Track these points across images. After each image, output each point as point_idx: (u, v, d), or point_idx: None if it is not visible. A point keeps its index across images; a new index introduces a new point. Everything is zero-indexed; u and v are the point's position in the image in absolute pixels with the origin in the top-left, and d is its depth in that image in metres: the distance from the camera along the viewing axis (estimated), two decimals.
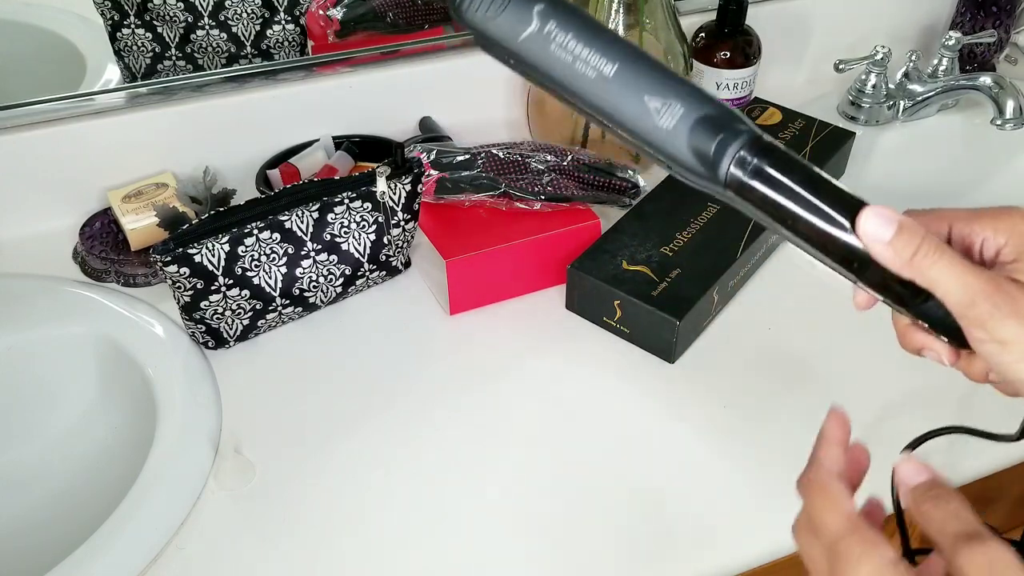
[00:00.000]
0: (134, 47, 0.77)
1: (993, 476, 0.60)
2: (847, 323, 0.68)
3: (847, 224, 0.33)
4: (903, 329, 0.39)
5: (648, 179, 0.79)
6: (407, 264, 0.75)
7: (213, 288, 0.63)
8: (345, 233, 0.67)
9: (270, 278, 0.65)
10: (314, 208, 0.65)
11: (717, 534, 0.55)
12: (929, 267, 0.33)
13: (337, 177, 0.68)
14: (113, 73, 0.78)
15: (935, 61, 0.95)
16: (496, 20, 0.31)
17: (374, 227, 0.69)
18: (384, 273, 0.73)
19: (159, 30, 0.76)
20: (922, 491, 0.32)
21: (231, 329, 0.66)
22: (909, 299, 0.35)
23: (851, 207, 0.33)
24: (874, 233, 0.33)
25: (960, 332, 0.34)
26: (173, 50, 0.78)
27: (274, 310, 0.67)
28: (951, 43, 0.94)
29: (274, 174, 0.80)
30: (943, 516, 0.31)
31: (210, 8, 0.77)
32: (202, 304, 0.63)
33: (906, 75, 0.95)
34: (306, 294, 0.68)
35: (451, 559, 0.54)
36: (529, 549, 0.54)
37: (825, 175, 0.34)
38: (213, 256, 0.62)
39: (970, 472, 0.59)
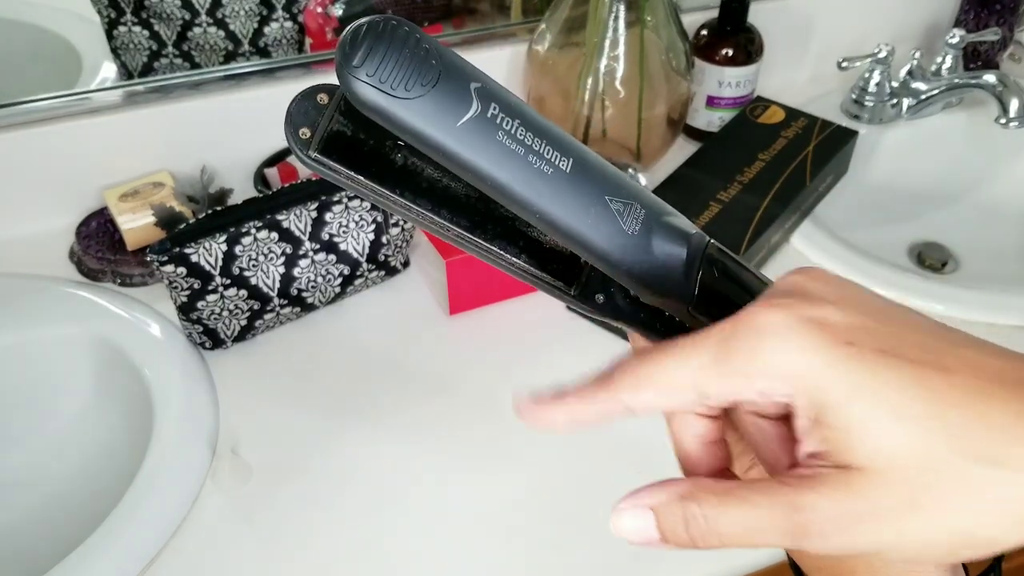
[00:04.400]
0: (131, 45, 0.76)
1: None
2: None
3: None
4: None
5: (649, 178, 0.79)
6: (406, 264, 0.74)
7: (210, 288, 0.62)
8: (344, 232, 0.67)
9: (268, 278, 0.64)
10: (312, 207, 0.65)
11: None
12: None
13: None
14: (109, 71, 0.77)
15: (939, 59, 0.95)
16: (418, 100, 0.23)
17: (373, 226, 0.68)
18: (383, 273, 0.72)
19: (156, 28, 0.76)
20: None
21: (228, 329, 0.65)
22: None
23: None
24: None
25: None
26: (170, 48, 0.77)
27: (272, 310, 0.66)
28: (955, 41, 0.93)
29: (272, 173, 0.80)
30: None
31: (207, 5, 0.76)
32: (199, 304, 0.62)
33: (910, 73, 0.94)
34: (304, 294, 0.67)
35: (450, 558, 0.53)
36: (530, 548, 0.54)
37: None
38: (210, 256, 0.61)
39: None
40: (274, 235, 0.63)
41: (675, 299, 0.28)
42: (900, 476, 0.21)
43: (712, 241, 0.29)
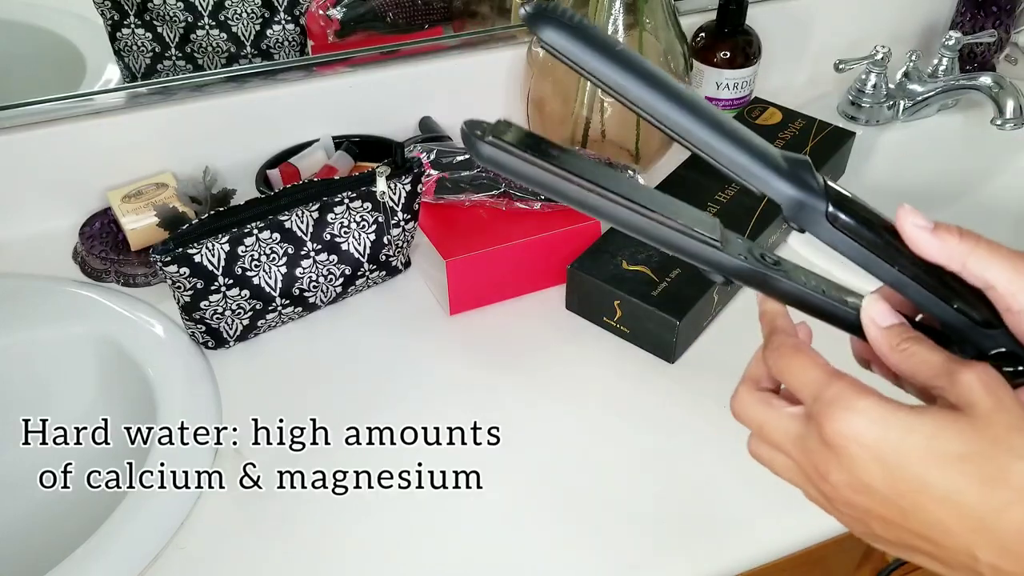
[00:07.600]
0: (134, 47, 0.77)
1: None
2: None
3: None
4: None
5: (647, 179, 0.79)
6: (407, 264, 0.75)
7: (213, 288, 0.63)
8: (345, 233, 0.67)
9: (270, 278, 0.65)
10: (314, 208, 0.65)
11: (717, 534, 0.55)
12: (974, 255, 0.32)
13: (337, 177, 0.68)
14: (113, 73, 0.78)
15: (935, 61, 0.95)
16: (590, 27, 0.30)
17: (374, 227, 0.69)
18: (384, 273, 0.73)
19: (159, 30, 0.76)
20: (896, 332, 0.33)
21: (231, 329, 0.66)
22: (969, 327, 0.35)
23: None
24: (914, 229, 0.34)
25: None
26: (173, 50, 0.78)
27: (274, 310, 0.67)
28: (951, 43, 0.94)
29: (274, 174, 0.80)
30: (926, 353, 0.32)
31: (210, 8, 0.77)
32: (202, 304, 0.63)
33: (906, 75, 0.95)
34: (306, 294, 0.68)
35: (451, 559, 0.54)
36: (529, 549, 0.54)
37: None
38: (213, 256, 0.62)
39: None
40: (276, 236, 0.64)
41: (812, 205, 0.34)
42: None
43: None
